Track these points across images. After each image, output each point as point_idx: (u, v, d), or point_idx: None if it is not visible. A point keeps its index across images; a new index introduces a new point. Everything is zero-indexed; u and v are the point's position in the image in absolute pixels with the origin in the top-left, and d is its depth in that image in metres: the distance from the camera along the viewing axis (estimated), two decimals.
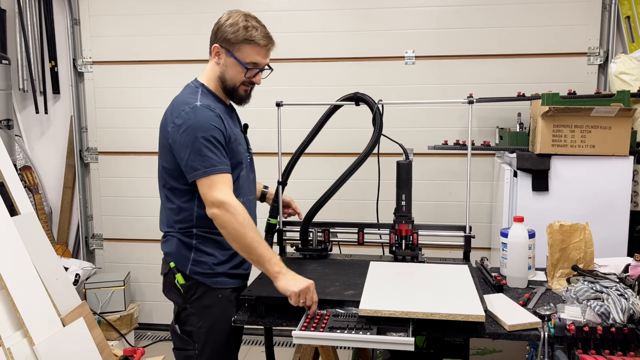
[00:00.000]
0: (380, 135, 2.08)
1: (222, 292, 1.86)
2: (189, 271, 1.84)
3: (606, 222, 2.56)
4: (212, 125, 1.74)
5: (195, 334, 1.84)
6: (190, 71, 3.48)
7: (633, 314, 1.58)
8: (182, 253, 1.85)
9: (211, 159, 1.72)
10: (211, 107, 1.78)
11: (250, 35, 1.78)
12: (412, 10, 3.33)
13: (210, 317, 1.84)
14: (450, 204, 3.41)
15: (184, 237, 1.85)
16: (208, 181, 1.72)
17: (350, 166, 2.08)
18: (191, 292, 1.84)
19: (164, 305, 3.66)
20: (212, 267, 1.85)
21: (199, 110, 1.75)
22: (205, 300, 1.84)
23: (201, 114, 1.74)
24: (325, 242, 2.21)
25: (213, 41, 1.84)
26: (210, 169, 1.71)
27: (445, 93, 3.33)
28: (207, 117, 1.75)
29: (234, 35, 1.78)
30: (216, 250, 1.85)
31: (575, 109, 2.51)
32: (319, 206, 2.15)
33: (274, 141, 2.23)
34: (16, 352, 2.03)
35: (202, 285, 1.84)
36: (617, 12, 3.14)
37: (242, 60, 1.80)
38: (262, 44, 1.81)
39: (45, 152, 3.84)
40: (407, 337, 1.50)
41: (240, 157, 1.87)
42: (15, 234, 2.25)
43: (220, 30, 1.81)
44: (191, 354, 1.84)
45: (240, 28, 1.78)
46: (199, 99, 1.79)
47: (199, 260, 1.84)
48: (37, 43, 3.66)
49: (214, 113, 1.77)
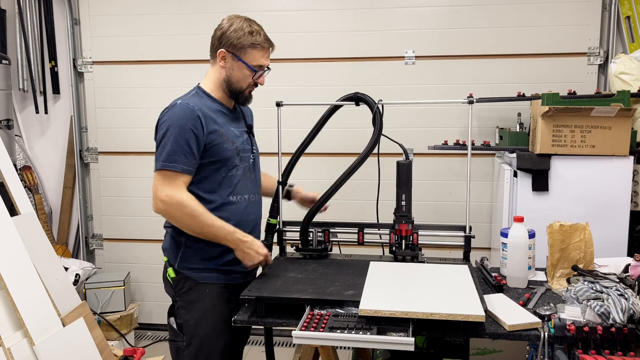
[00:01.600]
0: (380, 135, 2.08)
1: (211, 287, 1.92)
2: (177, 266, 1.93)
3: (606, 222, 2.56)
4: (184, 121, 1.80)
5: (184, 327, 1.92)
6: (190, 71, 3.52)
7: (633, 314, 1.58)
8: (173, 248, 1.94)
9: (169, 155, 1.80)
10: (190, 105, 1.83)
11: (256, 39, 1.88)
12: (412, 10, 3.33)
13: (197, 311, 1.90)
14: (450, 204, 3.41)
15: (175, 233, 1.93)
16: (159, 175, 1.82)
17: (350, 166, 2.08)
18: (180, 286, 1.93)
19: (164, 305, 3.62)
20: (200, 263, 1.91)
21: (176, 107, 1.83)
22: (193, 294, 1.91)
23: (176, 111, 1.82)
24: (325, 242, 2.21)
25: (217, 46, 1.91)
26: (164, 164, 1.80)
27: (445, 93, 3.33)
28: (182, 114, 1.81)
29: (240, 40, 1.87)
30: (205, 246, 1.90)
31: (575, 109, 2.51)
32: (319, 206, 2.15)
33: (274, 141, 2.23)
34: (16, 352, 2.03)
35: (189, 279, 1.92)
36: (617, 12, 3.14)
37: (249, 64, 1.89)
38: (265, 46, 1.91)
39: (45, 152, 3.84)
40: (407, 337, 1.50)
41: (227, 155, 1.89)
42: (15, 234, 2.25)
43: (226, 36, 1.88)
44: (180, 345, 1.92)
45: (246, 33, 1.87)
46: (183, 99, 1.87)
47: (187, 255, 1.91)
48: (37, 43, 3.66)
49: (191, 110, 1.82)
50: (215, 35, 1.92)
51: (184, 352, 1.91)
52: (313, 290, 1.77)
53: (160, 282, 2.01)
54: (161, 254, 1.98)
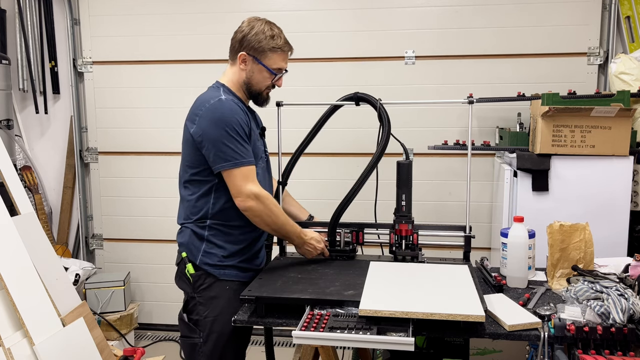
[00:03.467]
0: (390, 131, 2.08)
1: (230, 284, 1.93)
2: (199, 262, 1.93)
3: (606, 222, 2.56)
4: (239, 117, 1.84)
5: (201, 323, 1.91)
6: (191, 71, 3.52)
7: (633, 314, 1.58)
8: (194, 244, 1.94)
9: (240, 150, 1.82)
10: (235, 102, 1.88)
11: (277, 43, 1.92)
12: (412, 10, 3.33)
13: (216, 308, 1.90)
14: (450, 204, 3.41)
15: (197, 228, 1.93)
16: (239, 173, 1.82)
17: (368, 166, 2.07)
18: (200, 282, 1.92)
19: (164, 305, 3.66)
20: (222, 259, 1.93)
21: (225, 103, 1.85)
22: (213, 291, 1.92)
23: (227, 107, 1.84)
24: (352, 242, 2.19)
25: (238, 49, 1.93)
26: (241, 161, 1.82)
27: (445, 93, 3.33)
28: (234, 110, 1.84)
29: (262, 44, 1.90)
30: (227, 243, 1.93)
31: (575, 109, 2.51)
32: (342, 208, 2.13)
33: (274, 141, 2.23)
34: (16, 352, 2.03)
35: (210, 276, 1.92)
36: (617, 12, 3.14)
37: (269, 67, 1.94)
38: (286, 50, 1.95)
39: (45, 152, 3.84)
40: (407, 337, 1.50)
41: (258, 153, 1.96)
42: (15, 234, 2.25)
43: (247, 39, 1.91)
44: (196, 342, 1.92)
45: (268, 37, 1.90)
46: (223, 94, 1.88)
47: (209, 251, 1.92)
48: (37, 43, 3.66)
49: (239, 107, 1.87)
50: (235, 38, 1.94)
51: (200, 349, 1.91)
52: (313, 290, 1.77)
53: (161, 282, 2.01)
54: (161, 253, 1.98)
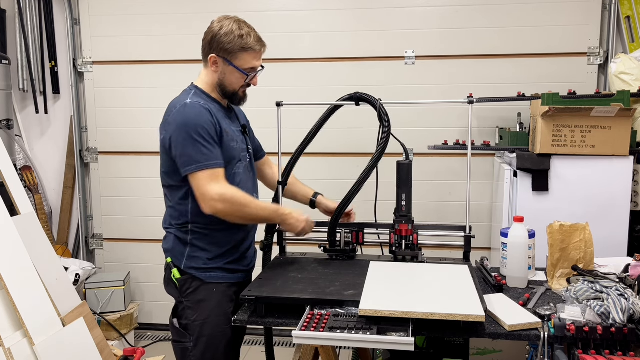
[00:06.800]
0: (390, 131, 2.08)
1: (217, 286, 1.92)
2: (183, 266, 1.91)
3: (606, 222, 2.56)
4: (203, 120, 1.80)
5: (190, 327, 1.90)
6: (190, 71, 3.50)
7: (633, 314, 1.58)
8: (178, 249, 1.93)
9: (204, 153, 1.79)
10: (201, 104, 1.84)
11: (247, 43, 1.86)
12: (412, 10, 3.33)
13: (205, 311, 1.89)
14: (450, 204, 3.41)
15: (180, 233, 1.92)
16: (203, 175, 1.79)
17: (368, 166, 2.06)
18: (186, 287, 1.91)
19: (164, 305, 3.66)
20: (207, 262, 1.91)
21: (188, 106, 1.82)
22: (200, 294, 1.90)
23: (190, 110, 1.81)
24: (352, 243, 2.19)
25: (208, 51, 1.90)
26: (204, 163, 1.79)
27: (446, 93, 3.33)
28: (197, 113, 1.81)
29: (231, 44, 1.85)
30: (211, 245, 1.91)
31: (575, 109, 2.51)
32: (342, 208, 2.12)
33: (274, 141, 2.23)
34: (16, 352, 2.03)
35: (196, 279, 1.91)
36: (617, 12, 3.14)
37: (241, 68, 1.89)
38: (257, 49, 1.90)
39: (45, 152, 3.84)
40: (407, 337, 1.50)
41: (234, 154, 1.92)
42: (15, 234, 2.25)
43: (216, 41, 1.87)
44: (187, 346, 1.91)
45: (236, 37, 1.85)
46: (190, 98, 1.86)
47: (193, 255, 1.91)
48: (37, 43, 3.66)
49: (204, 108, 1.83)
50: (205, 39, 1.91)
51: (191, 353, 1.89)
52: (313, 290, 1.77)
53: (161, 282, 2.01)
54: (161, 253, 1.98)
